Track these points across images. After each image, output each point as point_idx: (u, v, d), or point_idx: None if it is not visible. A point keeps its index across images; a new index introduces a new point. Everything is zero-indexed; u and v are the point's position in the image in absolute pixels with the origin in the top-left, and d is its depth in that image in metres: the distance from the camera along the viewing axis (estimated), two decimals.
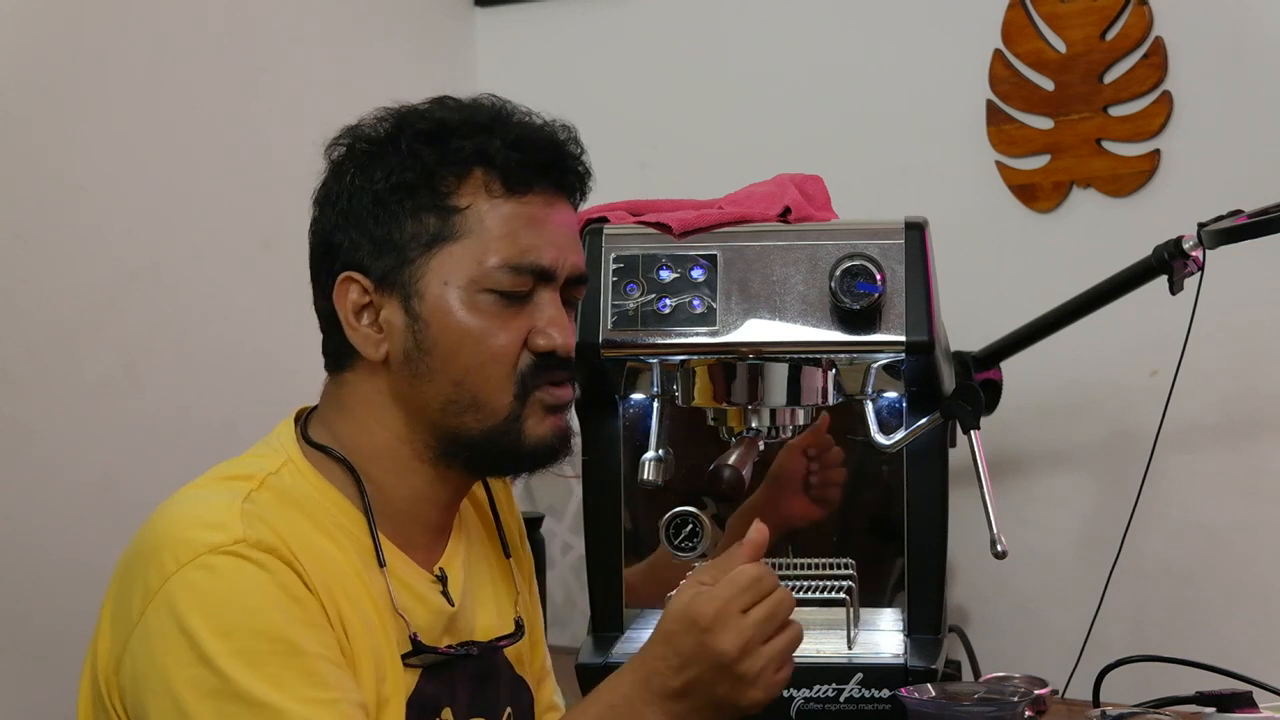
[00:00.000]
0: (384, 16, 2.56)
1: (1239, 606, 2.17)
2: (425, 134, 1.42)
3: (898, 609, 1.84)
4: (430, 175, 1.41)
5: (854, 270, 1.66)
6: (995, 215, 2.33)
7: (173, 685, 1.29)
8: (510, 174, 1.41)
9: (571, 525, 2.41)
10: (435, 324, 1.40)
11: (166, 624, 1.30)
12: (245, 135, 2.24)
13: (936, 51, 2.37)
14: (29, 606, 1.92)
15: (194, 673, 1.28)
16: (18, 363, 1.93)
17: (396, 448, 1.44)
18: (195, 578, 1.31)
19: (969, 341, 2.08)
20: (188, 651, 1.29)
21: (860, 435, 1.79)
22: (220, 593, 1.30)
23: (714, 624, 1.34)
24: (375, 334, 1.42)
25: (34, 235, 1.96)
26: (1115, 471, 2.19)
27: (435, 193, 1.41)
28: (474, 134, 1.41)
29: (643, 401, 1.82)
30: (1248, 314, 2.13)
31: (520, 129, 1.44)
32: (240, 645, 1.28)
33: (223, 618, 1.29)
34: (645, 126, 2.58)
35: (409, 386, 1.42)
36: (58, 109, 1.99)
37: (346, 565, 1.40)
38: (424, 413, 1.43)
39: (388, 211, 1.41)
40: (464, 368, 1.41)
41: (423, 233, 1.40)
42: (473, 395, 1.41)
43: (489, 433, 1.42)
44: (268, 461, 1.43)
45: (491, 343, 1.41)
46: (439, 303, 1.40)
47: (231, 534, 1.32)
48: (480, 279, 1.40)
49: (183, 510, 1.37)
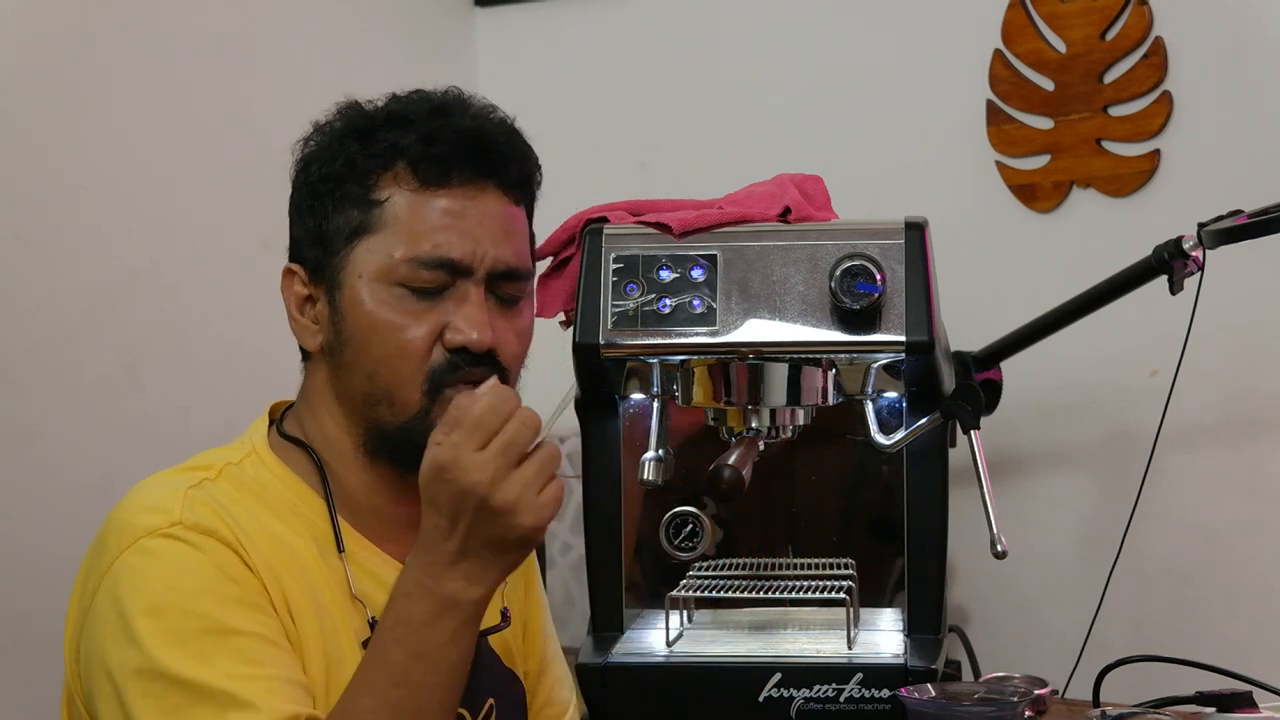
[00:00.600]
0: (384, 16, 2.56)
1: (1239, 606, 2.17)
2: (355, 129, 1.45)
3: (898, 609, 1.84)
4: (354, 168, 1.43)
5: (854, 270, 1.66)
6: (995, 215, 2.33)
7: (109, 665, 1.31)
8: (423, 167, 1.42)
9: (571, 525, 2.40)
10: (350, 316, 1.42)
11: (107, 607, 1.32)
12: (245, 135, 2.23)
13: (936, 51, 2.38)
14: (29, 606, 1.92)
15: (125, 653, 1.30)
16: (18, 363, 1.93)
17: (340, 438, 1.46)
18: (132, 561, 1.33)
19: (969, 341, 2.08)
20: (120, 632, 1.31)
21: (860, 435, 1.79)
22: (153, 574, 1.32)
23: (454, 467, 1.28)
24: (313, 325, 1.46)
25: (34, 235, 1.96)
26: (1115, 471, 2.19)
27: (361, 186, 1.42)
28: (395, 127, 1.43)
29: (643, 401, 1.82)
30: (1248, 314, 2.13)
31: (444, 122, 1.43)
32: (169, 625, 1.30)
33: (154, 598, 1.31)
34: (645, 126, 2.58)
35: (335, 378, 1.45)
36: (58, 109, 1.99)
37: (304, 552, 1.41)
38: (351, 405, 1.45)
39: (320, 204, 1.44)
40: (374, 360, 1.42)
41: (346, 225, 1.43)
42: (385, 389, 1.42)
43: (403, 428, 1.42)
44: (231, 453, 1.46)
45: (399, 336, 1.41)
46: (353, 295, 1.42)
47: (169, 517, 1.34)
48: (389, 272, 1.41)
49: (131, 498, 1.40)
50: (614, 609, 1.86)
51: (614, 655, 1.77)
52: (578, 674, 1.75)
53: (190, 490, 1.37)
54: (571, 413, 1.84)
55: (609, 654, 1.77)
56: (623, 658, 1.76)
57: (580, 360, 1.72)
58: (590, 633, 1.86)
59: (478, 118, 1.46)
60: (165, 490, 1.38)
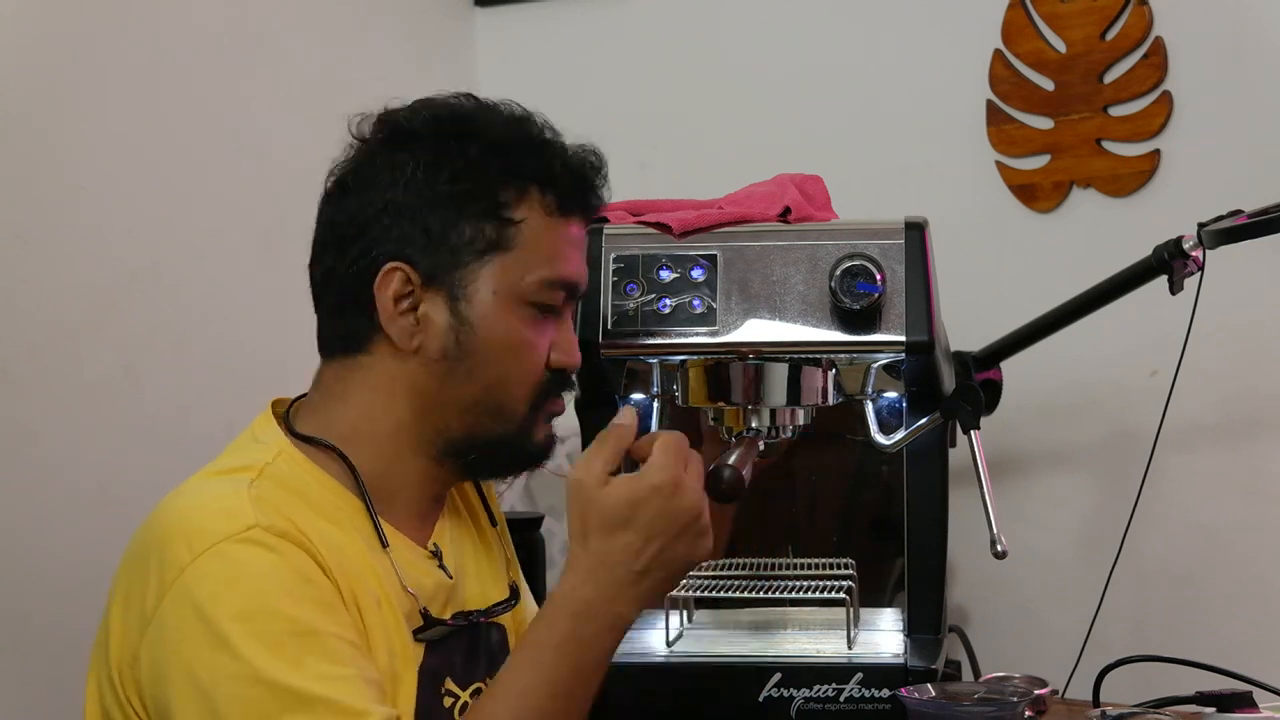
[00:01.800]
0: (384, 16, 2.56)
1: (1239, 606, 2.17)
2: (494, 143, 1.46)
3: (898, 609, 1.84)
4: (494, 186, 1.45)
5: (854, 270, 1.66)
6: (995, 215, 2.33)
7: (195, 673, 1.29)
8: (564, 196, 1.47)
9: None
10: (481, 329, 1.44)
11: (185, 614, 1.31)
12: (245, 135, 2.23)
13: (936, 51, 2.38)
14: (29, 606, 1.92)
15: (215, 658, 1.29)
16: (18, 363, 1.93)
17: (396, 435, 1.47)
18: (211, 566, 1.31)
19: (969, 341, 2.08)
20: (208, 639, 1.29)
21: (860, 435, 1.79)
22: (236, 579, 1.31)
23: (678, 489, 1.40)
24: (412, 325, 1.45)
25: (34, 235, 1.96)
26: (1115, 471, 2.19)
27: (496, 203, 1.45)
28: (537, 152, 1.47)
29: (643, 401, 1.82)
30: (1248, 314, 2.13)
31: (572, 154, 1.50)
32: (258, 628, 1.29)
33: (240, 603, 1.30)
34: (645, 126, 2.58)
35: (437, 382, 1.45)
36: (58, 109, 1.99)
37: (351, 548, 1.42)
38: (441, 409, 1.46)
39: (448, 213, 1.44)
40: (499, 375, 1.45)
41: (479, 239, 1.44)
42: (499, 401, 1.46)
43: (503, 437, 1.47)
44: (260, 453, 1.44)
45: (530, 355, 1.47)
46: (487, 309, 1.44)
47: (244, 520, 1.33)
48: (526, 292, 1.45)
49: (191, 501, 1.38)
50: None
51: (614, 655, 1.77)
52: None
53: (252, 491, 1.37)
54: (572, 413, 1.84)
55: None
56: (623, 658, 1.76)
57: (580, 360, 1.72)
58: None
59: (587, 151, 1.52)
60: (227, 493, 1.37)
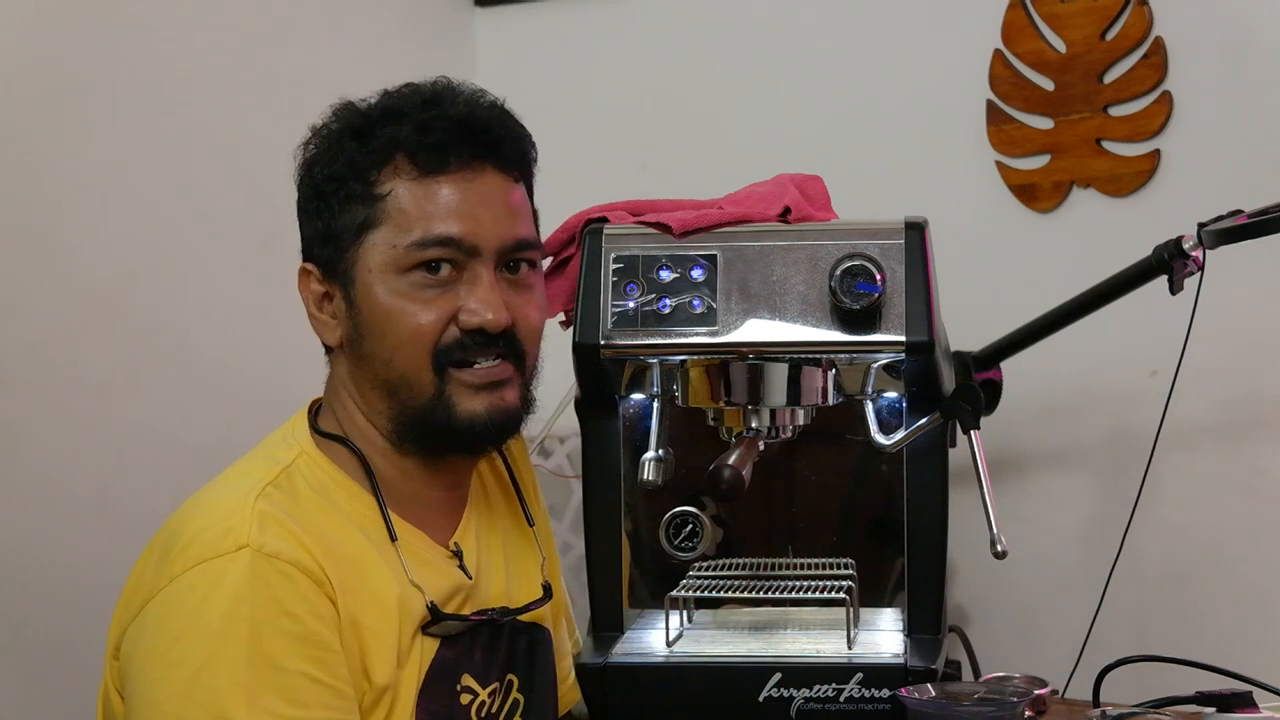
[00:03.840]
0: (384, 16, 2.56)
1: (1239, 607, 2.17)
2: (352, 128, 1.48)
3: (898, 609, 1.84)
4: (355, 166, 1.46)
5: (854, 270, 1.66)
6: (995, 215, 2.33)
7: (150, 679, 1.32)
8: (420, 155, 1.45)
9: (571, 525, 2.40)
10: (364, 309, 1.46)
11: (160, 621, 1.33)
12: (245, 135, 2.23)
13: (936, 51, 2.38)
14: (28, 607, 1.92)
15: (168, 674, 1.31)
16: (17, 363, 1.93)
17: (370, 429, 1.50)
18: (195, 582, 1.33)
19: (969, 341, 2.08)
20: (168, 652, 1.31)
21: (860, 435, 1.79)
22: (213, 602, 1.32)
23: None
24: (331, 320, 1.49)
25: (34, 235, 1.96)
26: (1115, 471, 2.19)
27: (363, 182, 1.46)
28: (390, 122, 1.47)
29: (643, 401, 1.82)
30: (1248, 314, 2.13)
31: (437, 111, 1.47)
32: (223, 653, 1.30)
33: (212, 626, 1.31)
34: (645, 126, 2.58)
35: (357, 370, 1.48)
36: (58, 109, 1.99)
37: (363, 546, 1.43)
38: (374, 394, 1.48)
39: (325, 204, 1.48)
40: (389, 348, 1.45)
41: (352, 222, 1.46)
42: (400, 374, 1.46)
43: (420, 411, 1.47)
44: (283, 453, 1.47)
45: (410, 322, 1.44)
46: (366, 288, 1.45)
47: (236, 540, 1.34)
48: (397, 260, 1.44)
49: (200, 511, 1.40)
50: (614, 609, 1.86)
51: (614, 655, 1.77)
52: (578, 674, 1.75)
53: (259, 505, 1.37)
54: (571, 413, 1.84)
55: (609, 654, 1.77)
56: (623, 658, 1.76)
57: (580, 360, 1.72)
58: (590, 633, 1.86)
59: (469, 103, 1.50)
60: (233, 507, 1.37)
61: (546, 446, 2.33)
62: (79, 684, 1.88)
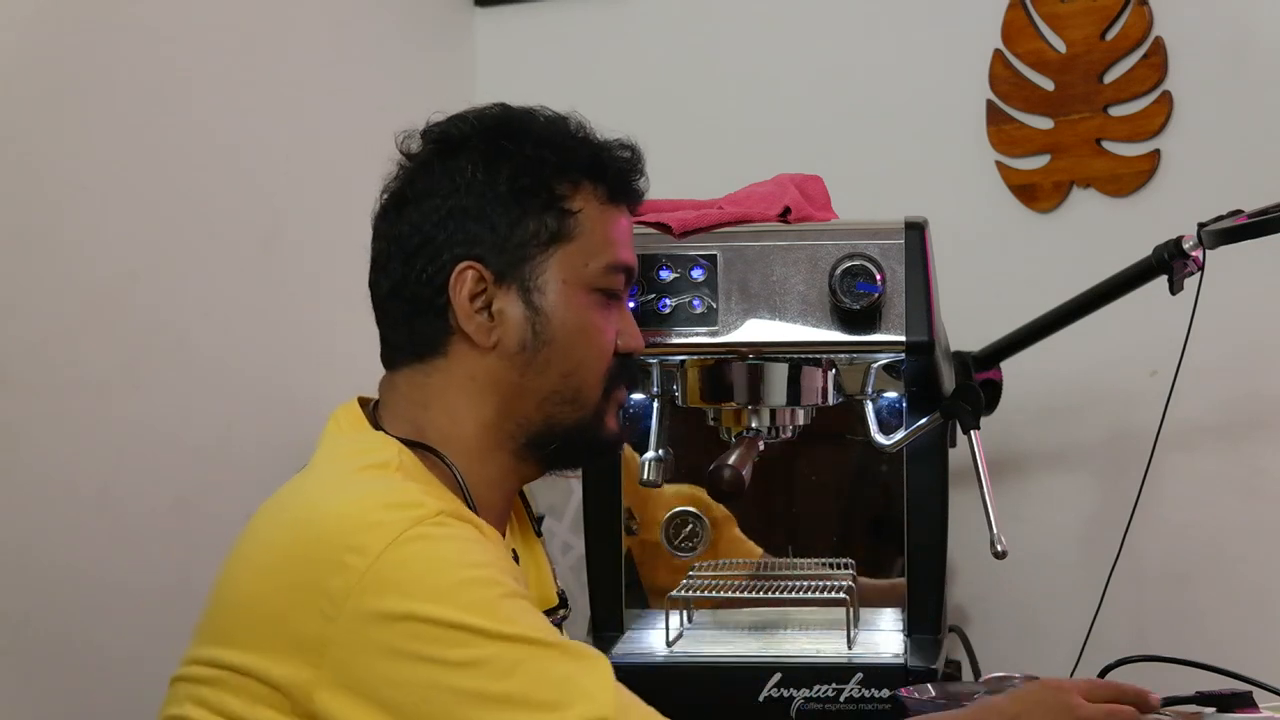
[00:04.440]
0: (384, 16, 2.55)
1: (1239, 607, 2.17)
2: (547, 141, 1.51)
3: (898, 609, 1.84)
4: (550, 180, 1.49)
5: (854, 270, 1.66)
6: (995, 215, 2.33)
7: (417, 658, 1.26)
8: (614, 185, 1.53)
9: (571, 525, 2.40)
10: (555, 317, 1.48)
11: (390, 605, 1.27)
12: (245, 135, 2.23)
13: (936, 51, 2.37)
14: (28, 607, 1.92)
15: (438, 634, 1.26)
16: (17, 363, 1.93)
17: (480, 435, 1.48)
18: (409, 551, 1.29)
19: (969, 341, 2.07)
20: (422, 623, 1.26)
21: (860, 435, 1.79)
22: (441, 554, 1.30)
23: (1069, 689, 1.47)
24: (488, 321, 1.47)
25: (34, 235, 1.96)
26: (1115, 471, 2.19)
27: (554, 196, 1.49)
28: (584, 146, 1.53)
29: (643, 401, 1.82)
30: (1248, 314, 2.13)
31: (615, 146, 1.56)
32: (474, 597, 1.28)
33: (449, 579, 1.29)
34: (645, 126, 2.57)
35: (517, 375, 1.48)
36: (58, 109, 1.99)
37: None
38: (521, 401, 1.48)
39: (511, 210, 1.48)
40: (576, 361, 1.49)
41: (543, 231, 1.48)
42: (576, 388, 1.49)
43: (579, 424, 1.50)
44: (383, 452, 1.43)
45: (601, 339, 1.50)
46: (558, 298, 1.48)
47: (427, 509, 1.32)
48: (590, 278, 1.49)
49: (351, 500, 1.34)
50: (614, 609, 1.86)
51: (614, 655, 1.77)
52: None
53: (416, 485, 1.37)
54: None
55: (609, 654, 1.77)
56: (623, 658, 1.76)
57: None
58: (590, 633, 1.86)
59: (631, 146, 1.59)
60: (393, 487, 1.36)
61: None
62: (79, 684, 1.88)
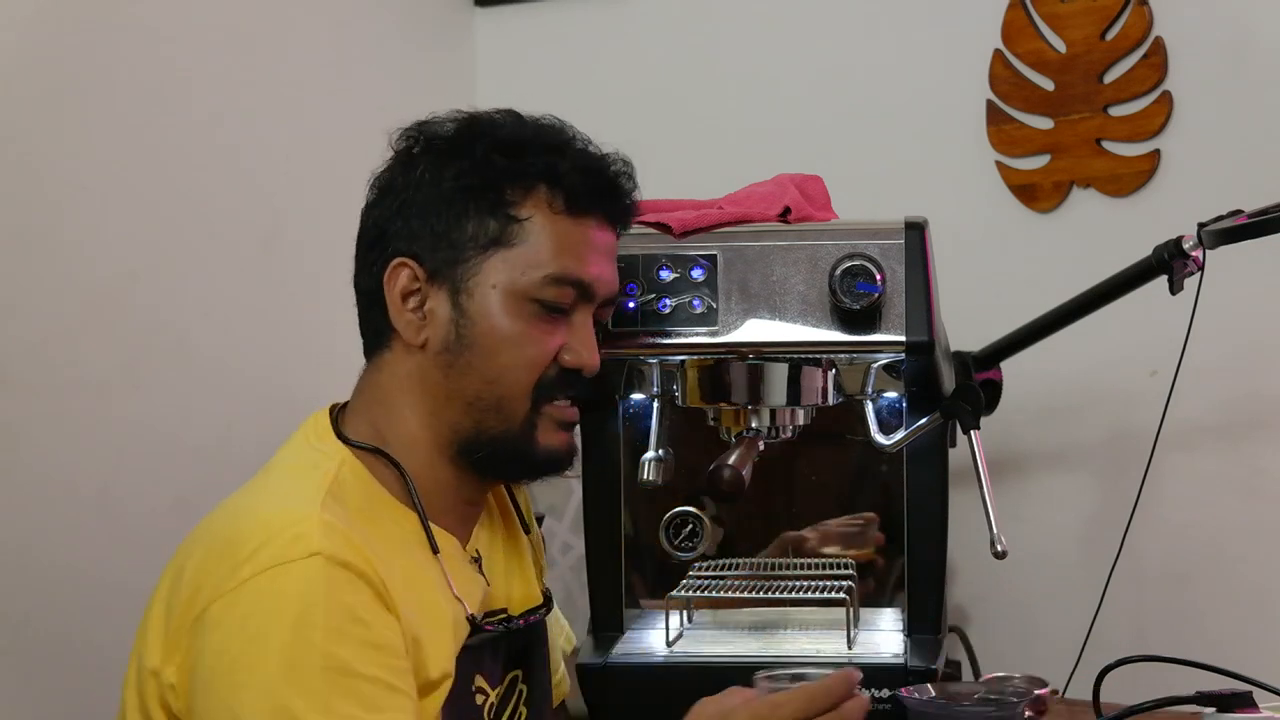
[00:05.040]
0: (384, 16, 2.55)
1: (1239, 607, 2.17)
2: (502, 143, 1.49)
3: (898, 609, 1.84)
4: (499, 183, 1.48)
5: (854, 270, 1.66)
6: (995, 215, 2.33)
7: (223, 683, 1.30)
8: (572, 196, 1.49)
9: (571, 525, 2.40)
10: (479, 323, 1.46)
11: (233, 624, 1.31)
12: (245, 135, 2.23)
13: (936, 51, 2.38)
14: (28, 608, 1.92)
15: (245, 678, 1.30)
16: (17, 363, 1.93)
17: (423, 436, 1.49)
18: (267, 586, 1.32)
19: (969, 341, 2.07)
20: (243, 655, 1.30)
21: (860, 435, 1.79)
22: (285, 605, 1.31)
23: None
24: (418, 320, 1.48)
25: (34, 235, 1.96)
26: (1115, 471, 2.19)
27: (501, 200, 1.47)
28: (545, 152, 1.49)
29: (643, 401, 1.82)
30: (1248, 314, 2.13)
31: (587, 156, 1.53)
32: (295, 658, 1.29)
33: (284, 631, 1.30)
34: (645, 127, 2.58)
35: (442, 376, 1.48)
36: (58, 109, 1.99)
37: (411, 561, 1.43)
38: (449, 405, 1.48)
39: (453, 209, 1.48)
40: (499, 368, 1.47)
41: (482, 234, 1.47)
42: (498, 396, 1.47)
43: (506, 435, 1.48)
44: (326, 463, 1.45)
45: (526, 350, 1.47)
46: (485, 303, 1.46)
47: (307, 546, 1.33)
48: (527, 288, 1.47)
49: (262, 518, 1.37)
50: (614, 609, 1.86)
51: (614, 655, 1.77)
52: (578, 674, 1.75)
53: (324, 514, 1.36)
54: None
55: (609, 654, 1.77)
56: (623, 658, 1.76)
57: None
58: (590, 633, 1.86)
59: (618, 161, 1.56)
60: (300, 511, 1.36)
61: None
62: (79, 684, 1.88)
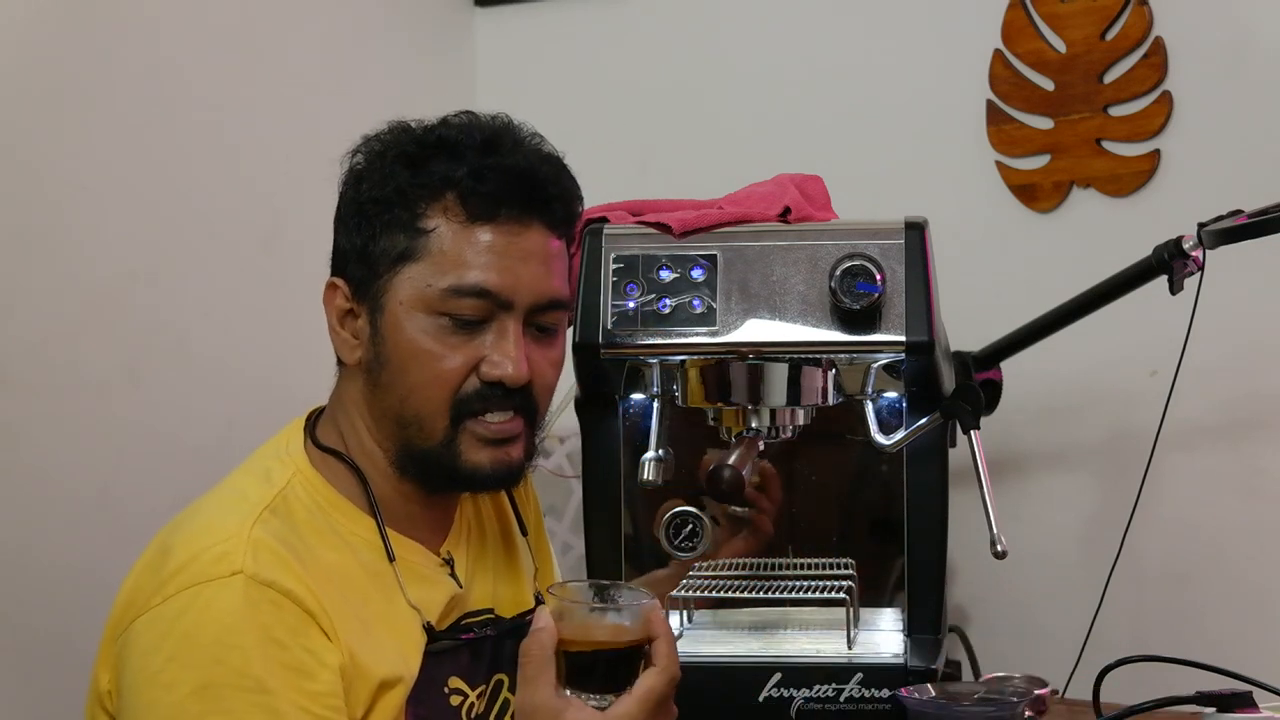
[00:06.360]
0: (384, 16, 2.55)
1: (1239, 606, 2.17)
2: (405, 155, 1.46)
3: (898, 609, 1.84)
4: (403, 195, 1.44)
5: (854, 270, 1.66)
6: (995, 215, 2.33)
7: (140, 699, 1.32)
8: (471, 202, 1.43)
9: (571, 525, 2.40)
10: (389, 340, 1.45)
11: (151, 640, 1.33)
12: (245, 135, 2.23)
13: (936, 51, 2.37)
14: (28, 608, 1.92)
15: (160, 696, 1.31)
16: (17, 363, 1.93)
17: (374, 450, 1.49)
18: (187, 604, 1.33)
19: (969, 341, 2.07)
20: (160, 674, 1.31)
21: (860, 435, 1.79)
22: (202, 624, 1.32)
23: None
24: (351, 339, 1.48)
25: (34, 235, 1.96)
26: (1115, 471, 2.19)
27: (410, 213, 1.44)
28: (446, 159, 1.44)
29: (643, 401, 1.82)
30: (1248, 314, 2.13)
31: (495, 157, 1.45)
32: (207, 677, 1.30)
33: (197, 652, 1.31)
34: (645, 126, 2.58)
35: (372, 394, 1.47)
36: (58, 109, 1.99)
37: (359, 570, 1.43)
38: (382, 422, 1.48)
39: (368, 224, 1.45)
40: (409, 386, 1.44)
41: (392, 249, 1.44)
42: (415, 414, 1.45)
43: (429, 452, 1.46)
44: (279, 474, 1.45)
45: (435, 366, 1.43)
46: (394, 320, 1.44)
47: (230, 565, 1.34)
48: (430, 301, 1.43)
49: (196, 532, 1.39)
50: None
51: None
52: None
53: (256, 530, 1.36)
54: (571, 413, 1.84)
55: None
56: None
57: (580, 360, 1.72)
58: None
59: (529, 155, 1.48)
60: (232, 527, 1.37)
61: (546, 446, 2.33)
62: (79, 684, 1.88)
